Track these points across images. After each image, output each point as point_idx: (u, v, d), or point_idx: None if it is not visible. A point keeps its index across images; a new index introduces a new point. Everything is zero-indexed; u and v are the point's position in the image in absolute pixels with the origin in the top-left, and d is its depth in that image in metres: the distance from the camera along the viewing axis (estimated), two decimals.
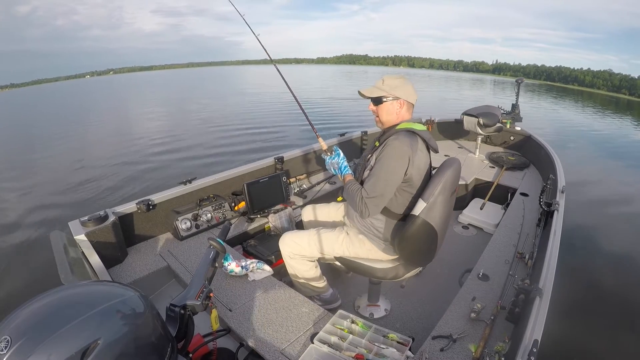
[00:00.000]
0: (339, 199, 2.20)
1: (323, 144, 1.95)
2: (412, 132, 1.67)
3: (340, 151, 1.85)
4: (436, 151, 1.77)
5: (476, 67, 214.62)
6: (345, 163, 1.83)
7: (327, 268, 2.29)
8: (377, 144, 1.76)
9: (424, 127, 1.73)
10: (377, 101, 1.72)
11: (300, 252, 1.94)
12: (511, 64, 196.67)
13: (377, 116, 1.76)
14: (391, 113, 1.72)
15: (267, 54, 2.53)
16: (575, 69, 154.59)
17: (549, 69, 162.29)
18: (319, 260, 2.01)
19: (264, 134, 9.88)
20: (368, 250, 1.85)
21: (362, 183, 1.71)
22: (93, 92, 36.24)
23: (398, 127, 1.70)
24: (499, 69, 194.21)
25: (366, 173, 1.71)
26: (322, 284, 2.07)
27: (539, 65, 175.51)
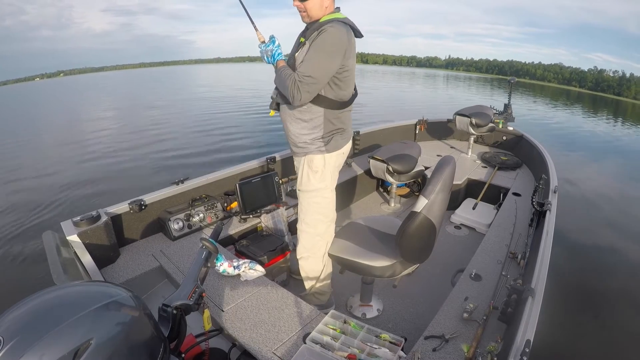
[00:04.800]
0: (271, 113, 1.97)
1: (260, 36, 1.81)
2: (344, 23, 1.67)
3: (277, 40, 1.77)
4: (362, 36, 1.77)
5: (429, 63, 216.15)
6: (280, 51, 1.76)
7: None
8: (302, 40, 1.71)
9: (344, 15, 1.72)
10: None
11: (319, 246, 1.95)
12: (464, 58, 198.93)
13: (305, 11, 1.68)
14: (321, 7, 1.67)
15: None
16: (527, 62, 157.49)
17: (501, 64, 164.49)
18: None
19: (255, 135, 9.86)
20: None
21: None
22: (60, 94, 35.08)
23: (322, 19, 1.68)
24: (451, 64, 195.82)
25: (300, 62, 1.65)
26: (329, 288, 2.08)
27: (491, 59, 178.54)
